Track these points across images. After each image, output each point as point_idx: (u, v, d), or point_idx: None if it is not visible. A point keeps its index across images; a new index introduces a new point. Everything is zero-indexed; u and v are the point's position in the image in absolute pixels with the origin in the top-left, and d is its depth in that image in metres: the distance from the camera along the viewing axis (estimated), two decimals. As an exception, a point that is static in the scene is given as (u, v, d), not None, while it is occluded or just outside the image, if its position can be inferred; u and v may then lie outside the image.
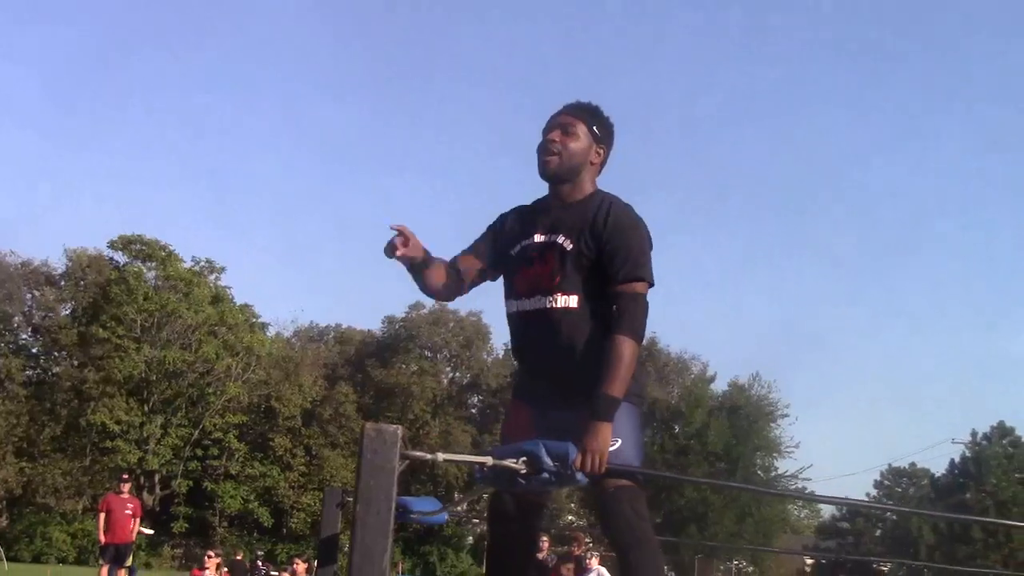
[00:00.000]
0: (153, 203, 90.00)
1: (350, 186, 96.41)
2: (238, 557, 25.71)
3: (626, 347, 4.16)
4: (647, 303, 4.30)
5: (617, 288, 4.26)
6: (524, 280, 4.38)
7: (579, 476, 3.85)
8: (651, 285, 4.32)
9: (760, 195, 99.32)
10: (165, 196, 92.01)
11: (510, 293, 4.46)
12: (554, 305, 4.28)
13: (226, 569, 20.32)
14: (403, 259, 4.30)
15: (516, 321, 4.42)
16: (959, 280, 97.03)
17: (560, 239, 4.34)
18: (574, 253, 4.30)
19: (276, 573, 25.24)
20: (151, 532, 24.47)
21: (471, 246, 4.62)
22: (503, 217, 4.64)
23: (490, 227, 4.66)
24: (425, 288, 4.50)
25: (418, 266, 4.37)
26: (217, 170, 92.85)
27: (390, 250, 4.26)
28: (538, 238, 4.40)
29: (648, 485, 4.48)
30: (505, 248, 4.53)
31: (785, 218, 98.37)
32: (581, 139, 4.45)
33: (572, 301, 4.27)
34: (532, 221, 4.49)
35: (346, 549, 3.59)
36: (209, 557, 18.80)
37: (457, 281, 4.54)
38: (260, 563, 26.57)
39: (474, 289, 4.68)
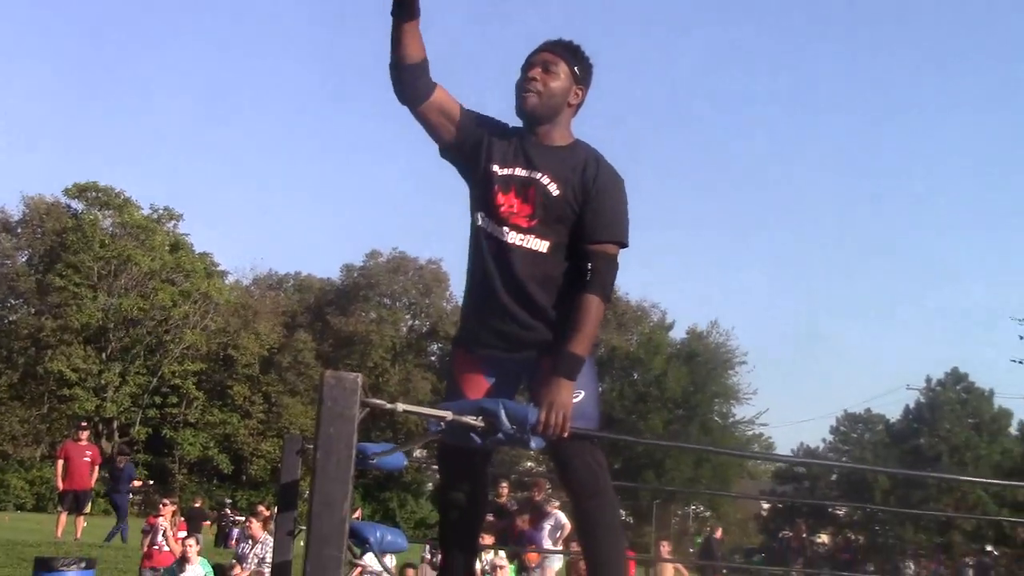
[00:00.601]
0: (111, 151, 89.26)
1: (310, 133, 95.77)
2: (196, 504, 25.70)
3: (596, 307, 4.17)
4: (618, 265, 4.30)
5: (594, 247, 4.25)
6: (495, 204, 4.30)
7: (533, 443, 3.85)
8: (625, 247, 4.32)
9: (721, 146, 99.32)
10: (123, 144, 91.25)
11: (481, 207, 4.35)
12: (524, 245, 4.23)
13: (183, 518, 20.29)
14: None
15: (485, 238, 4.32)
16: (916, 230, 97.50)
17: (544, 180, 4.27)
18: (559, 200, 4.25)
19: (243, 518, 25.06)
20: (139, 483, 24.46)
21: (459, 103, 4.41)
22: (484, 116, 4.47)
23: (474, 111, 4.45)
24: (400, 52, 4.20)
25: (407, 22, 4.13)
26: (178, 118, 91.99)
27: None
28: (519, 171, 4.32)
29: (605, 432, 4.52)
30: (481, 154, 4.39)
31: (746, 168, 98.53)
32: (562, 79, 4.38)
33: (543, 246, 4.23)
34: (511, 147, 4.39)
35: (306, 496, 3.61)
36: (164, 505, 18.73)
37: (425, 80, 4.26)
38: (229, 511, 26.39)
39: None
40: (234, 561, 16.94)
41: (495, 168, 4.34)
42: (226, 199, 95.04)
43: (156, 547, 17.08)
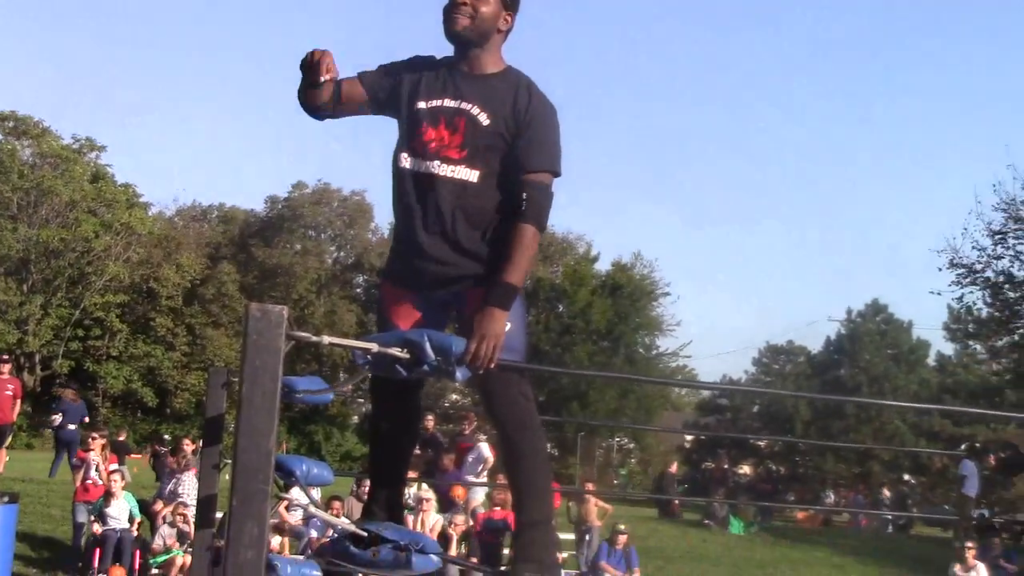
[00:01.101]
0: (29, 78, 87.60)
1: (234, 62, 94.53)
2: (121, 438, 25.51)
3: (531, 236, 4.17)
4: (552, 194, 4.29)
5: (528, 176, 4.23)
6: (424, 140, 4.27)
7: (459, 374, 3.86)
8: (559, 176, 4.31)
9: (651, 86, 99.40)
10: (45, 73, 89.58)
11: (405, 147, 4.33)
12: (453, 175, 4.21)
13: (112, 452, 20.14)
14: (325, 83, 4.20)
15: (407, 179, 4.30)
16: (838, 163, 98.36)
17: (475, 110, 4.25)
18: (489, 129, 4.23)
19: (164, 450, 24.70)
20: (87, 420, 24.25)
21: (357, 74, 4.46)
22: (400, 62, 4.48)
23: (383, 65, 4.49)
24: (307, 101, 4.33)
25: (318, 84, 4.21)
26: (101, 47, 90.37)
27: (315, 71, 4.14)
28: (448, 102, 4.29)
29: (530, 363, 4.54)
30: (403, 96, 4.39)
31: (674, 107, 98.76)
32: (491, 3, 4.33)
33: (473, 176, 4.21)
34: (439, 80, 4.37)
35: (231, 429, 3.59)
36: (93, 439, 18.60)
37: (337, 102, 4.36)
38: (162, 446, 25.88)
39: (343, 116, 4.50)
40: (156, 497, 16.90)
41: (421, 104, 4.32)
42: (149, 130, 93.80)
43: (90, 481, 17.00)
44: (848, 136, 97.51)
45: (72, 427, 22.50)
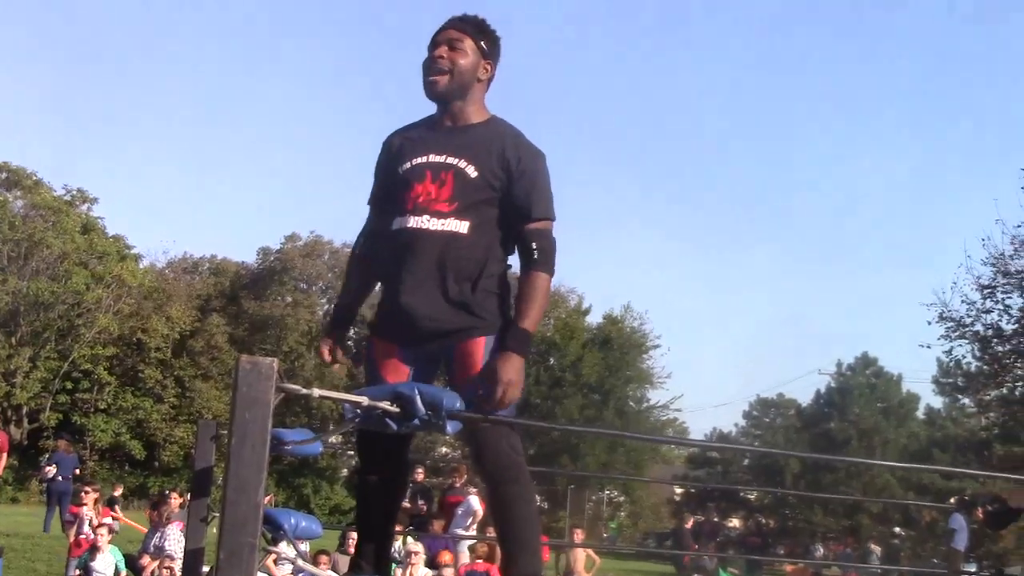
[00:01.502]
0: (23, 130, 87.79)
1: (226, 115, 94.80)
2: (116, 492, 25.35)
3: (545, 283, 4.26)
4: (555, 239, 4.34)
5: (532, 226, 4.29)
6: (412, 197, 4.29)
7: (449, 427, 3.87)
8: (554, 220, 4.37)
9: (650, 132, 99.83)
10: (37, 123, 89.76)
11: (395, 210, 4.35)
12: (443, 228, 4.22)
13: (105, 505, 20.03)
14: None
15: (397, 237, 4.31)
16: (829, 217, 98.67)
17: (461, 163, 4.27)
18: (478, 181, 4.26)
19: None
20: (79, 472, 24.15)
21: (374, 195, 4.58)
22: (388, 142, 4.54)
23: (378, 162, 4.57)
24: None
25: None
26: (93, 98, 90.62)
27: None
28: (434, 157, 4.32)
29: (520, 418, 4.54)
30: (393, 164, 4.44)
31: (669, 154, 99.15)
32: (469, 55, 4.37)
33: (463, 227, 4.23)
34: (424, 139, 4.40)
35: (220, 482, 3.59)
36: (86, 493, 18.52)
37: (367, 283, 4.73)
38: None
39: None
40: (141, 551, 16.77)
41: (405, 166, 4.36)
42: (141, 181, 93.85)
43: (84, 536, 16.89)
44: (841, 189, 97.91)
45: (63, 479, 22.38)
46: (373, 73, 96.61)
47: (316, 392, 3.61)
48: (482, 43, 4.43)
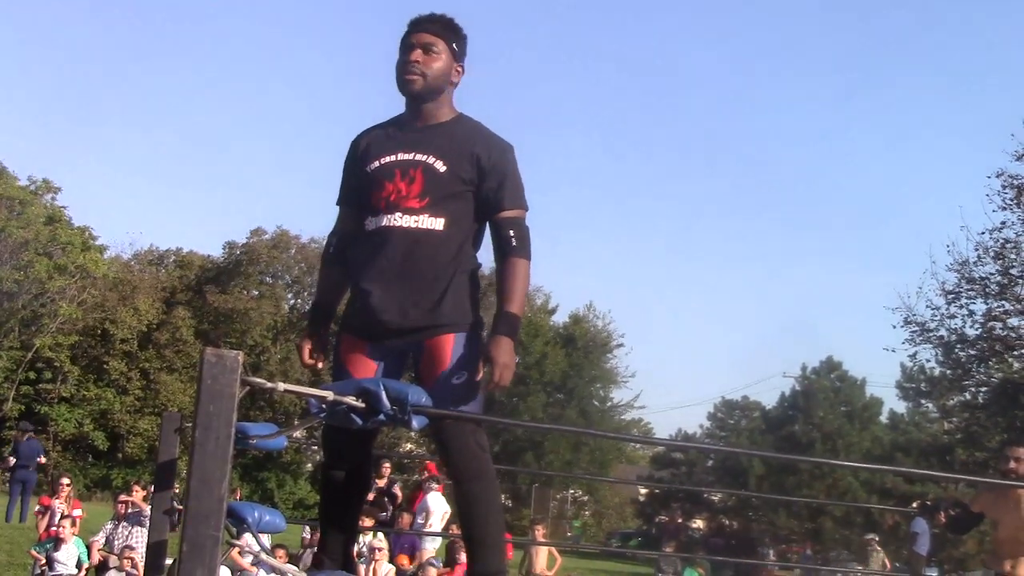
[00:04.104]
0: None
1: (196, 105, 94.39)
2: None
3: (524, 269, 4.33)
4: (529, 228, 4.42)
5: (508, 215, 4.37)
6: (383, 196, 4.33)
7: (414, 423, 3.87)
8: (528, 210, 4.45)
9: (621, 128, 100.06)
10: (2, 113, 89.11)
11: (368, 209, 4.40)
12: (417, 226, 4.26)
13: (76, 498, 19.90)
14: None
15: (371, 236, 4.35)
16: (796, 221, 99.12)
17: (430, 159, 4.32)
18: (447, 176, 4.30)
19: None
20: (43, 460, 24.08)
21: (343, 195, 4.63)
22: (356, 143, 4.59)
23: (346, 162, 4.61)
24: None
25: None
26: (59, 86, 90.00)
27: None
28: (402, 156, 4.36)
29: (486, 414, 4.56)
30: (361, 163, 4.49)
31: (638, 155, 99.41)
32: (443, 59, 4.42)
33: (438, 224, 4.28)
34: (392, 138, 4.46)
35: (184, 475, 3.57)
36: (64, 486, 18.45)
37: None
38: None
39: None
40: (98, 539, 16.63)
41: (373, 165, 4.42)
42: (106, 172, 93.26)
43: (55, 528, 16.80)
44: (807, 192, 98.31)
45: (27, 468, 22.23)
46: (341, 66, 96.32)
47: (281, 386, 3.60)
48: (454, 45, 4.50)
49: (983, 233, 33.81)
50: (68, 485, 18.61)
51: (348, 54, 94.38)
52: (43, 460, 23.30)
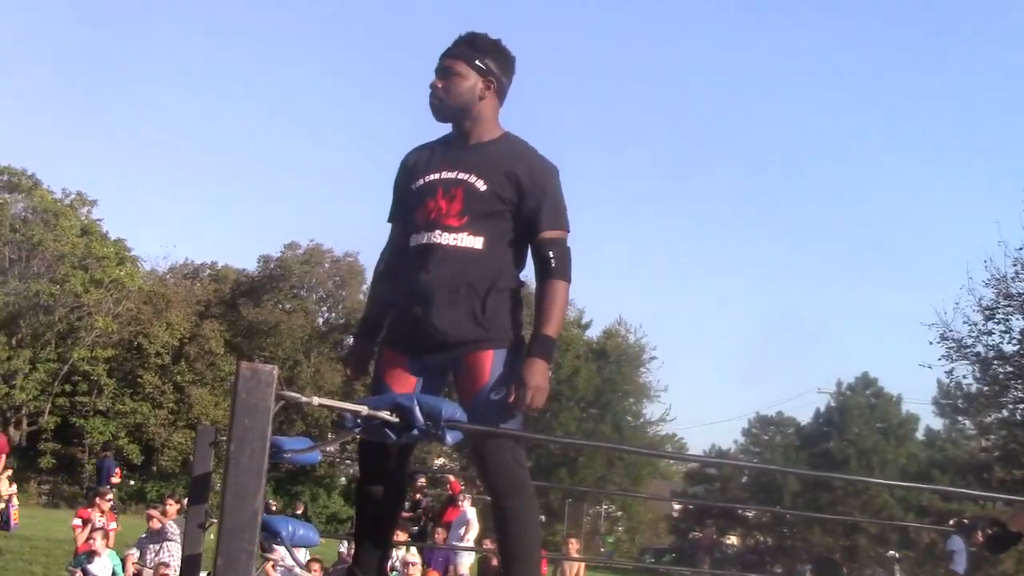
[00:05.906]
0: (23, 132, 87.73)
1: (232, 120, 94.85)
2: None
3: (563, 291, 4.33)
4: (570, 249, 4.42)
5: (548, 236, 4.36)
6: (425, 213, 4.36)
7: (449, 438, 3.86)
8: (569, 232, 4.45)
9: (653, 145, 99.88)
10: (37, 125, 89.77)
11: (411, 227, 4.43)
12: (456, 243, 4.28)
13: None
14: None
15: (413, 253, 4.38)
16: (832, 236, 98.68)
17: (471, 178, 4.33)
18: (487, 195, 4.31)
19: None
20: (118, 479, 24.64)
21: (393, 213, 4.67)
22: (405, 161, 4.63)
23: (395, 180, 4.64)
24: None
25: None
26: (95, 101, 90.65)
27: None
28: (445, 174, 4.39)
29: (524, 431, 4.54)
30: (407, 182, 4.53)
31: (670, 172, 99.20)
32: (462, 79, 4.43)
33: (477, 243, 4.29)
34: (438, 156, 4.49)
35: (218, 488, 3.56)
36: (101, 499, 18.60)
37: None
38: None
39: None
40: (133, 551, 16.66)
41: (418, 183, 4.46)
42: (142, 185, 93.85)
43: (91, 541, 16.86)
44: (843, 208, 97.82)
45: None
46: (379, 82, 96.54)
47: (316, 400, 3.60)
48: (478, 62, 4.48)
49: (1021, 249, 33.63)
50: (104, 501, 18.69)
51: (389, 72, 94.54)
52: (115, 480, 23.70)
